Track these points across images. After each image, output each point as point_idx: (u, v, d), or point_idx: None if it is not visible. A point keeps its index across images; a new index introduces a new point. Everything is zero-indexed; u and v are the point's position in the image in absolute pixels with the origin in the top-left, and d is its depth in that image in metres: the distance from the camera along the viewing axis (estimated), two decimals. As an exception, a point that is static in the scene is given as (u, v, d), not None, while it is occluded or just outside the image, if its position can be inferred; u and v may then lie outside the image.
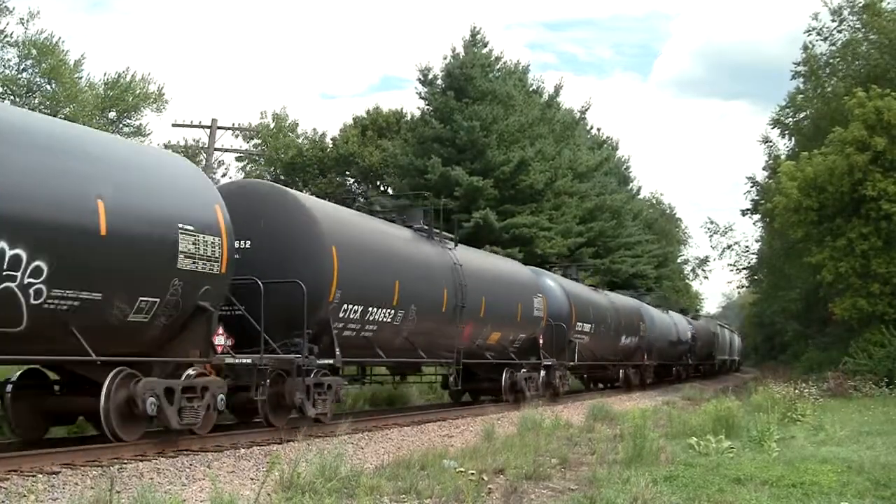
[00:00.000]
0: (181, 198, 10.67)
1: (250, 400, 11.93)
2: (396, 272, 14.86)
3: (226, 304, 11.48)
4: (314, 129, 49.31)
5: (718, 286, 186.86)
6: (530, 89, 41.69)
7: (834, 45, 34.73)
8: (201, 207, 10.85)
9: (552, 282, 23.81)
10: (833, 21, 34.29)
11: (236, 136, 45.03)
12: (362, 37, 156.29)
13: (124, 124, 33.05)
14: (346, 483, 8.00)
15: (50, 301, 8.77)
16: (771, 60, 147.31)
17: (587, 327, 25.13)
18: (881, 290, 26.41)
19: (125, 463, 9.26)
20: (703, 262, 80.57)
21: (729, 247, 45.65)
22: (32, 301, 8.59)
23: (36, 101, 29.17)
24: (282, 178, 43.76)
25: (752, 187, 43.09)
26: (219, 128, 37.11)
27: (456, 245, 18.35)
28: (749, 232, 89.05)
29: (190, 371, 10.76)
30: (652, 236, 55.66)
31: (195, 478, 8.92)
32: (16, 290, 8.41)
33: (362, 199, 42.34)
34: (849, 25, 34.05)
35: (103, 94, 31.72)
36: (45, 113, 27.35)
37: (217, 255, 10.79)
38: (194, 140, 45.44)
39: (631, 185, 58.88)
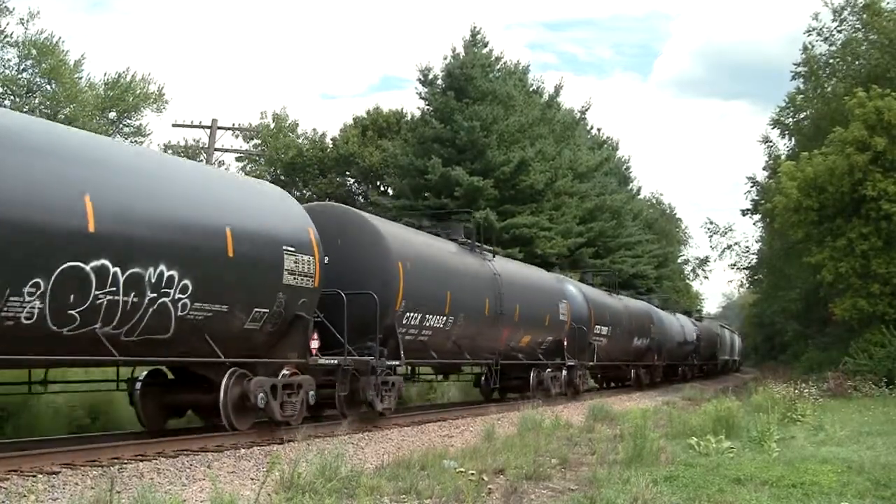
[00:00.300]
0: (283, 222, 12.57)
1: (330, 396, 13.69)
2: (448, 283, 16.71)
3: None
4: (314, 130, 49.38)
5: (718, 286, 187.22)
6: (530, 89, 41.69)
7: (834, 45, 34.75)
8: (299, 230, 12.75)
9: (573, 288, 25.53)
10: (834, 21, 34.34)
11: (236, 137, 45.05)
12: (362, 37, 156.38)
13: (124, 124, 33.07)
14: (346, 483, 8.00)
15: (191, 313, 10.55)
16: (771, 60, 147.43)
17: (604, 330, 26.83)
18: (881, 290, 26.40)
19: (125, 463, 9.27)
20: (704, 262, 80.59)
21: (729, 247, 45.70)
22: (179, 313, 10.36)
23: (36, 101, 29.18)
24: (282, 178, 43.77)
25: (752, 187, 43.13)
26: (219, 128, 37.09)
27: (494, 256, 20.23)
28: (749, 232, 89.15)
29: (285, 371, 12.45)
30: (652, 236, 55.66)
31: (195, 478, 8.92)
32: (169, 304, 10.19)
33: (362, 199, 42.40)
34: (849, 25, 34.08)
35: (103, 94, 31.72)
36: (44, 113, 27.39)
37: (311, 272, 12.71)
38: (194, 140, 45.48)
39: (631, 185, 58.88)
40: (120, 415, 14.25)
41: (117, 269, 9.42)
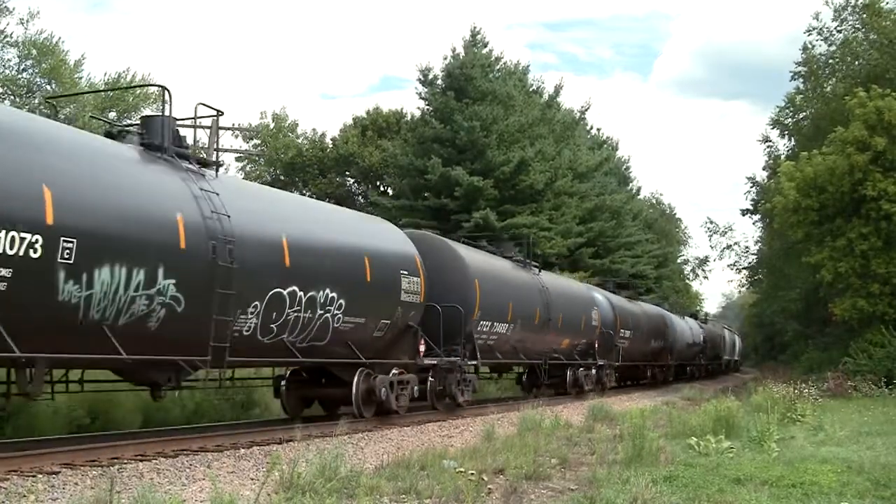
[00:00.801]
0: (398, 250, 15.90)
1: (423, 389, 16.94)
2: (509, 295, 19.99)
3: None
4: (314, 130, 49.27)
5: (718, 286, 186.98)
6: (530, 89, 41.69)
7: (833, 45, 34.76)
8: (409, 257, 16.02)
9: (600, 296, 28.74)
10: (834, 21, 34.35)
11: (236, 137, 45.04)
12: (362, 37, 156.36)
13: (124, 124, 33.04)
14: (345, 483, 7.99)
15: (342, 324, 13.63)
16: (771, 60, 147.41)
17: (627, 333, 30.00)
18: (881, 290, 26.41)
19: (125, 463, 9.27)
20: (703, 262, 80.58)
21: (728, 247, 45.76)
22: (334, 325, 13.46)
23: (36, 101, 29.15)
24: (281, 178, 43.76)
25: (751, 187, 43.18)
26: (219, 128, 37.08)
27: (540, 271, 23.55)
28: (749, 232, 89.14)
29: (394, 370, 15.36)
30: (652, 236, 55.69)
31: (195, 478, 8.92)
32: (329, 318, 13.29)
33: (362, 200, 42.39)
34: (849, 25, 34.09)
35: (104, 94, 31.68)
36: (44, 114, 27.37)
37: (418, 290, 15.90)
38: (195, 140, 45.42)
39: (631, 185, 58.86)
40: (120, 415, 14.26)
41: (302, 293, 12.44)
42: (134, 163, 10.62)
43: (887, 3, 32.85)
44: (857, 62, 33.87)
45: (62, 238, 8.78)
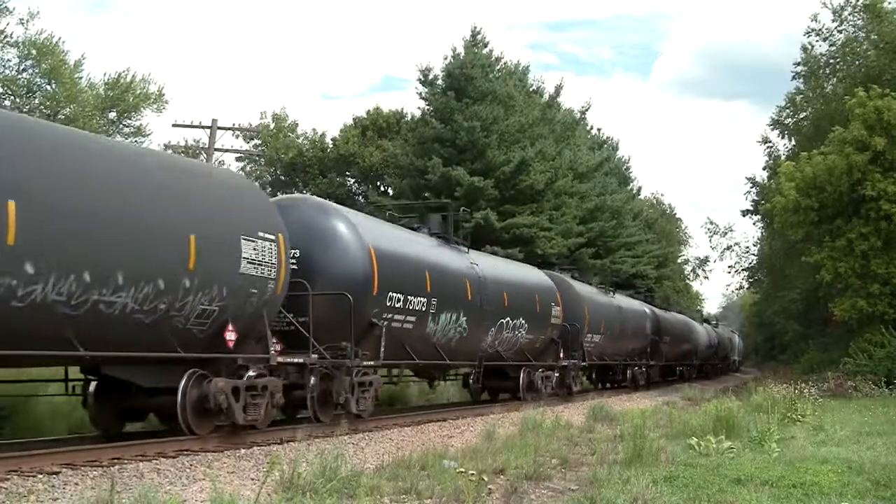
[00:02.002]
0: (548, 288, 23.40)
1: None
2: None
3: None
4: (314, 130, 49.24)
5: (718, 286, 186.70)
6: (531, 89, 41.64)
7: (834, 45, 34.75)
8: (554, 293, 23.74)
9: (647, 309, 34.85)
10: (834, 21, 34.34)
11: (236, 137, 44.98)
12: (363, 37, 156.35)
13: (124, 125, 33.03)
14: (346, 483, 7.99)
15: (523, 339, 21.01)
16: (771, 60, 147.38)
17: (667, 338, 36.71)
18: (881, 290, 26.40)
19: (125, 463, 9.26)
20: (704, 262, 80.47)
21: (729, 247, 45.74)
22: (521, 340, 20.93)
23: (36, 101, 29.14)
24: (282, 178, 43.73)
25: (751, 188, 43.16)
26: (219, 128, 37.08)
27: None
28: (749, 232, 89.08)
29: (541, 368, 22.42)
30: (652, 236, 55.64)
31: (195, 478, 8.91)
32: (519, 336, 20.59)
33: (362, 200, 42.35)
34: (851, 25, 34.08)
35: (103, 94, 31.68)
36: (44, 114, 27.36)
37: (559, 315, 23.68)
38: (194, 140, 45.41)
39: (631, 185, 58.78)
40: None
41: (514, 321, 20.02)
42: (435, 246, 18.22)
43: (890, 2, 32.85)
44: (856, 62, 33.87)
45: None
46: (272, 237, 12.00)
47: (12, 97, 28.73)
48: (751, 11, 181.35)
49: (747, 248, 45.56)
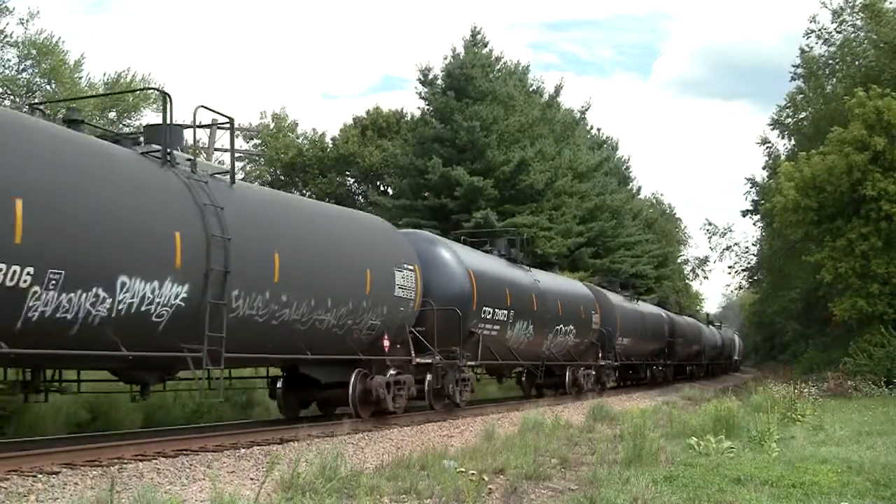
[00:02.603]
0: (588, 297, 26.04)
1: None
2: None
3: None
4: (314, 129, 49.24)
5: (718, 286, 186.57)
6: (530, 89, 41.68)
7: (833, 45, 34.75)
8: (593, 302, 26.24)
9: (664, 313, 37.83)
10: (833, 22, 34.35)
11: (237, 136, 45.01)
12: (364, 37, 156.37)
13: (124, 125, 33.02)
14: (346, 483, 7.99)
15: (571, 342, 23.61)
16: (771, 60, 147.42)
17: (681, 340, 39.65)
18: (881, 290, 26.39)
19: (125, 463, 9.26)
20: (703, 262, 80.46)
21: (728, 247, 45.74)
22: (568, 344, 23.58)
23: (36, 101, 29.11)
24: (282, 178, 43.75)
25: (751, 188, 43.17)
26: (219, 128, 37.07)
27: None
28: (749, 232, 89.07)
29: (583, 367, 24.81)
30: (652, 236, 55.65)
31: (195, 478, 8.91)
32: (566, 339, 23.31)
33: (362, 199, 42.33)
34: (850, 25, 34.08)
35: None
36: (45, 113, 27.31)
37: (598, 321, 26.24)
38: (195, 140, 45.41)
39: (631, 185, 58.82)
40: (120, 415, 14.27)
41: (566, 327, 22.71)
42: (507, 266, 21.88)
43: (891, 2, 32.86)
44: (856, 62, 33.87)
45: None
46: (411, 267, 15.82)
47: (12, 97, 28.74)
48: (751, 11, 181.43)
49: (747, 248, 45.58)
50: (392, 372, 15.21)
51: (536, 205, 35.46)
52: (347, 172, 44.12)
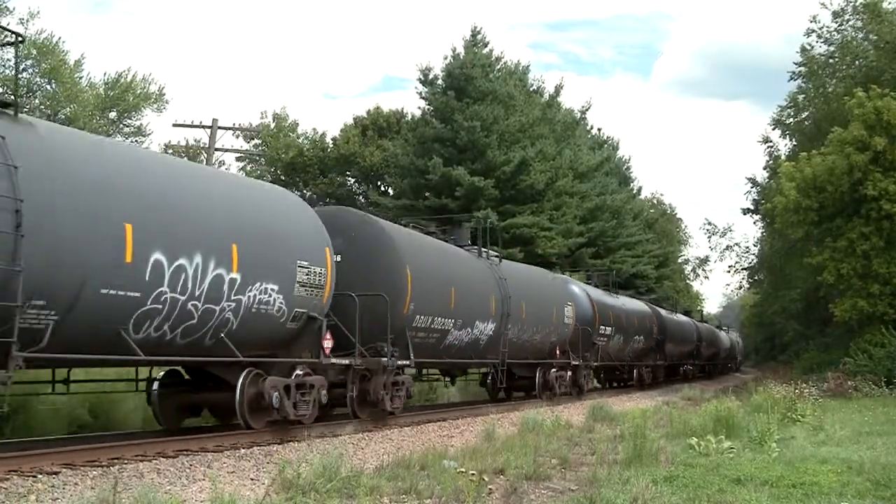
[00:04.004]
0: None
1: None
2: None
3: None
4: (314, 129, 49.26)
5: (718, 286, 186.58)
6: (531, 89, 41.66)
7: (833, 45, 34.74)
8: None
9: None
10: (833, 22, 34.34)
11: (237, 137, 45.03)
12: (364, 37, 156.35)
13: (124, 124, 33.05)
14: (346, 483, 7.99)
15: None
16: (771, 60, 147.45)
17: (704, 343, 44.66)
18: (881, 290, 26.38)
19: (125, 463, 9.26)
20: (704, 262, 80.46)
21: (728, 247, 45.72)
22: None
23: (36, 101, 29.14)
24: (282, 178, 43.73)
25: (752, 188, 43.17)
26: (219, 128, 37.11)
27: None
28: (749, 232, 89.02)
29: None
30: (652, 236, 55.65)
31: (195, 478, 8.91)
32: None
33: (362, 199, 42.32)
34: (850, 26, 34.07)
35: (104, 94, 31.69)
36: (44, 113, 27.34)
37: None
38: (195, 140, 45.50)
39: (631, 185, 58.82)
40: (120, 415, 14.26)
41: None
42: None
43: (890, 2, 32.84)
44: (856, 62, 33.86)
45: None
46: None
47: (12, 97, 28.68)
48: (751, 12, 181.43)
49: (747, 248, 45.56)
50: (555, 367, 21.03)
51: (537, 205, 35.44)
52: (348, 172, 44.12)
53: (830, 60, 35.17)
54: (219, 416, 13.59)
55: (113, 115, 32.42)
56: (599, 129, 54.75)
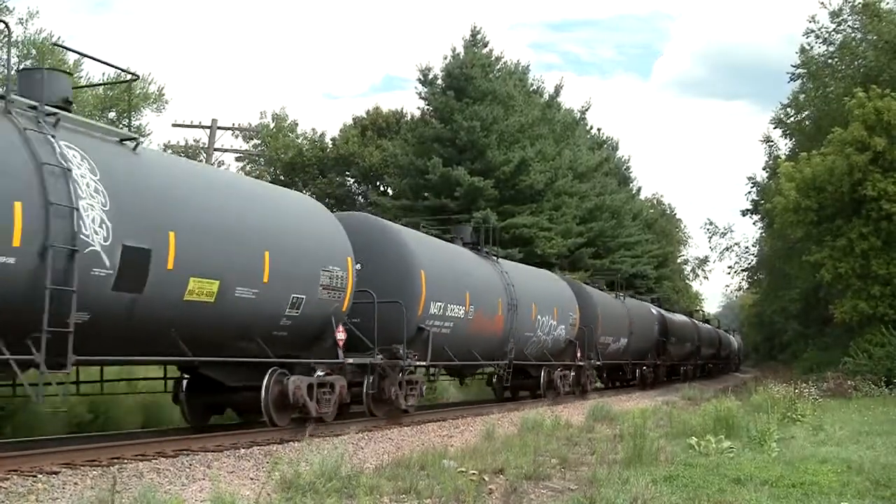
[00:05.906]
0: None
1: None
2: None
3: None
4: (314, 129, 49.21)
5: (718, 286, 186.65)
6: (530, 89, 41.63)
7: (832, 45, 34.77)
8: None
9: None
10: (833, 22, 34.35)
11: (236, 137, 44.96)
12: (365, 37, 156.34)
13: (124, 124, 33.03)
14: (346, 483, 7.99)
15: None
16: (771, 60, 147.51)
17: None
18: (881, 291, 26.39)
19: (125, 463, 9.26)
20: (703, 262, 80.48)
21: (728, 248, 45.76)
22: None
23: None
24: (281, 178, 43.72)
25: (752, 188, 43.20)
26: (219, 128, 37.07)
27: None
28: (749, 233, 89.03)
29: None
30: (652, 236, 55.64)
31: (195, 478, 8.91)
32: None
33: (362, 199, 42.32)
34: (848, 26, 34.09)
35: (103, 93, 31.66)
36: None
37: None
38: (194, 140, 45.40)
39: (631, 185, 58.82)
40: (120, 415, 14.26)
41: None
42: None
43: (888, 2, 32.86)
44: (855, 62, 33.88)
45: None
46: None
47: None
48: (752, 12, 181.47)
49: (747, 248, 45.59)
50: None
51: (536, 205, 35.42)
52: (347, 173, 44.10)
53: (829, 61, 35.19)
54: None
55: (112, 115, 32.39)
56: (599, 130, 54.79)
